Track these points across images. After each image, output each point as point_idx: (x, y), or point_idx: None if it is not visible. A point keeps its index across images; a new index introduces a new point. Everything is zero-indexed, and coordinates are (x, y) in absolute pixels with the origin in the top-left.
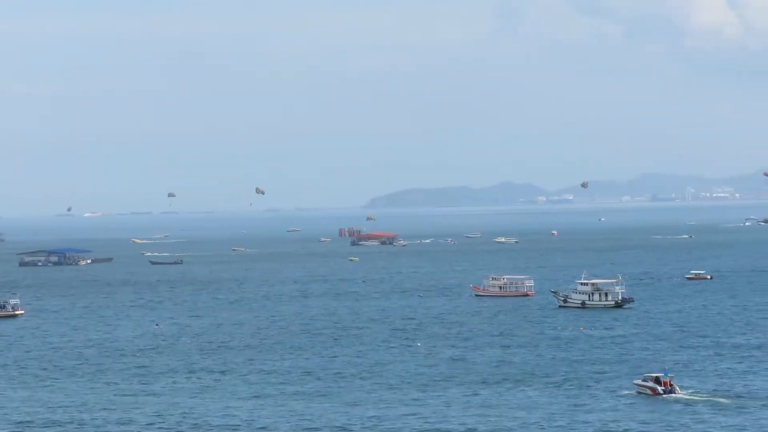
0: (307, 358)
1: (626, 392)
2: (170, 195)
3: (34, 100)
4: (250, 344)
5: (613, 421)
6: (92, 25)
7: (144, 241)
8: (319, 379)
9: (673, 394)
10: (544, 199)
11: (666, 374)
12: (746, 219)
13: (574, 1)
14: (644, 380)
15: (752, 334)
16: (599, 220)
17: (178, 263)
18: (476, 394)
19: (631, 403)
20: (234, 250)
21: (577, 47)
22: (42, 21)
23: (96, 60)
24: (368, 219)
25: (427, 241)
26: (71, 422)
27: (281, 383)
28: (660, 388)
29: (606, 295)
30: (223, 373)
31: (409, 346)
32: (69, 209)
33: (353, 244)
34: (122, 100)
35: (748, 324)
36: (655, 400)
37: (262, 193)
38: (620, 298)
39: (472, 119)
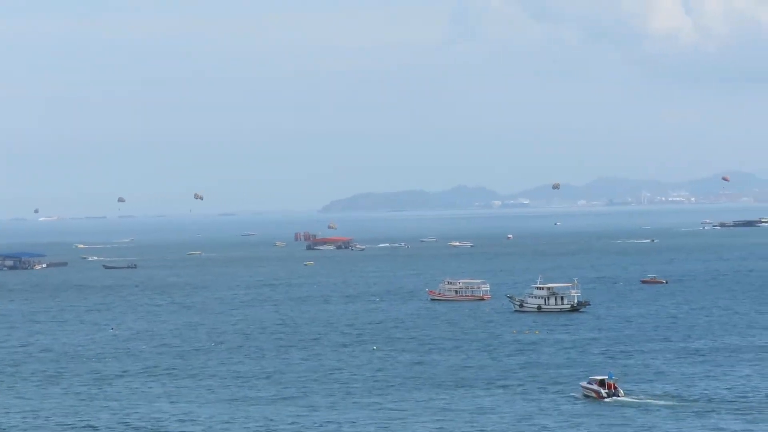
0: (264, 363)
1: (573, 395)
2: (120, 200)
3: None
4: (208, 348)
5: (557, 424)
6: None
7: (86, 246)
8: (277, 383)
9: (616, 397)
10: (500, 203)
11: (610, 377)
12: (702, 223)
13: (530, 6)
14: (589, 383)
15: (706, 338)
16: (555, 224)
17: (132, 267)
18: (432, 399)
19: (574, 406)
20: (189, 254)
21: (533, 52)
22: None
23: (47, 62)
24: (330, 227)
25: (385, 245)
26: (27, 428)
27: (240, 387)
28: (604, 391)
29: (562, 299)
30: (181, 377)
31: (365, 350)
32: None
33: (309, 248)
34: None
35: (701, 328)
36: (597, 402)
37: (201, 198)
38: (576, 302)
39: (428, 123)
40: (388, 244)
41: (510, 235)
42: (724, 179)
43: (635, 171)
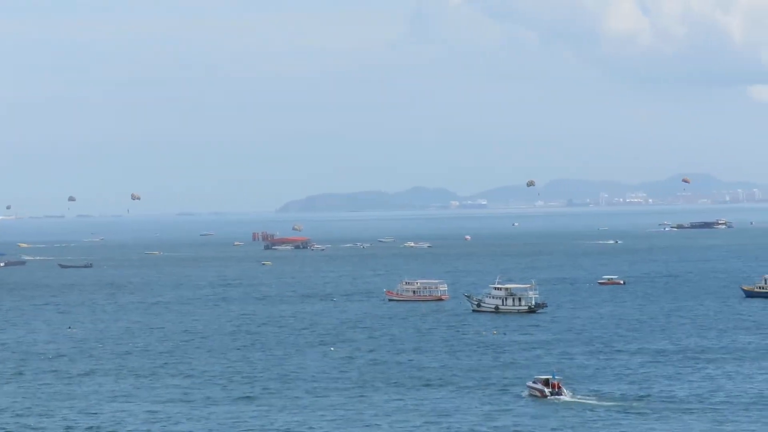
0: (222, 363)
1: (521, 394)
2: (70, 199)
3: None
4: (166, 348)
5: (502, 423)
6: None
7: (28, 246)
8: (235, 383)
9: (559, 396)
10: (458, 203)
11: (554, 376)
12: (660, 224)
13: (488, 7)
14: (534, 382)
15: (661, 339)
16: (513, 224)
17: (88, 267)
18: (389, 399)
19: (518, 405)
20: (147, 253)
21: (491, 53)
22: None
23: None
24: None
25: (345, 245)
26: None
27: (198, 387)
28: (547, 390)
29: (519, 299)
30: (140, 376)
31: (324, 350)
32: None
33: (267, 248)
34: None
35: (657, 329)
36: (539, 401)
37: (138, 198)
38: (533, 303)
39: (386, 124)
40: (350, 245)
41: (468, 236)
42: (685, 181)
43: (593, 172)
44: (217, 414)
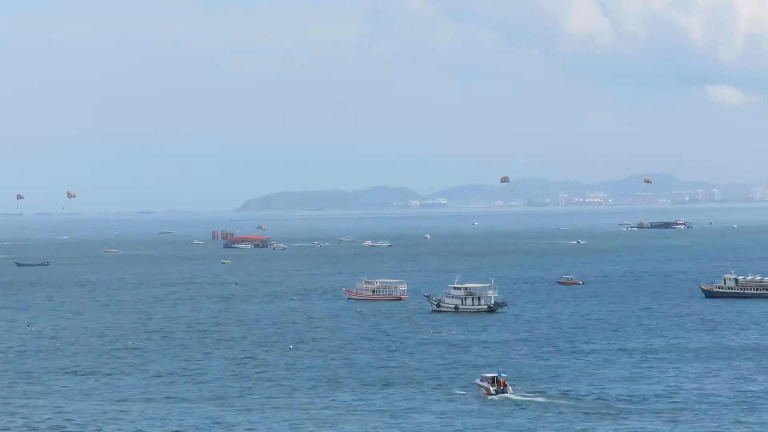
0: (180, 362)
1: (468, 392)
2: (19, 197)
3: None
4: (124, 347)
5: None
6: None
7: None
8: (193, 383)
9: (504, 394)
10: (418, 203)
11: (500, 374)
12: (620, 224)
13: (447, 7)
14: (482, 380)
15: (617, 339)
16: (473, 224)
17: (45, 265)
18: (348, 399)
19: (459, 403)
20: (106, 251)
21: (450, 52)
22: None
23: None
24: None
25: (304, 244)
26: None
27: (158, 387)
28: (492, 388)
29: (479, 299)
30: (100, 375)
31: (281, 349)
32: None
33: (226, 246)
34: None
35: (614, 329)
36: (484, 399)
37: (74, 196)
38: (493, 302)
39: (345, 122)
40: (308, 244)
41: (428, 235)
42: (647, 181)
43: (553, 172)
44: (179, 413)
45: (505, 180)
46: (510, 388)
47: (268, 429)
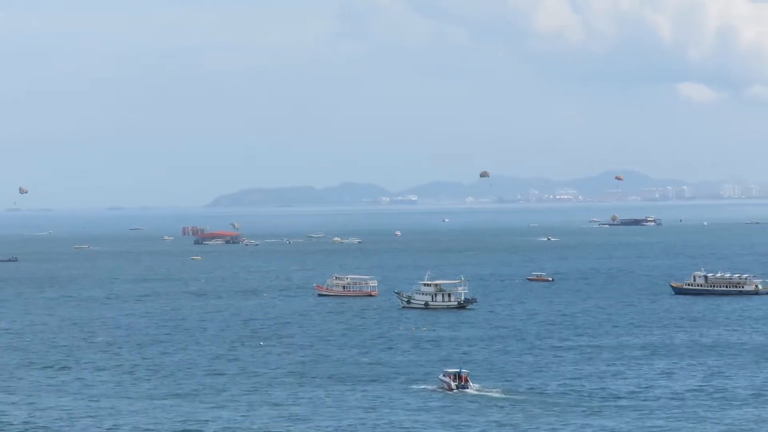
0: (151, 358)
1: (432, 388)
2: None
3: None
4: (97, 343)
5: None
6: None
7: None
8: (164, 378)
9: (465, 390)
10: (388, 199)
11: (461, 370)
12: (591, 221)
13: (417, 4)
14: (444, 375)
15: (589, 335)
16: (443, 220)
17: (13, 261)
18: (318, 395)
19: (428, 400)
20: (77, 248)
21: (420, 49)
22: None
23: None
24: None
25: (274, 240)
26: None
27: (133, 382)
28: (454, 384)
29: (449, 295)
30: (71, 371)
31: (252, 345)
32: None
33: (196, 242)
34: None
35: (583, 326)
36: (444, 394)
37: (25, 192)
38: (463, 298)
39: (315, 119)
40: (284, 240)
41: (398, 232)
42: (618, 178)
43: (523, 169)
44: (151, 409)
45: (484, 175)
46: (471, 384)
47: (240, 425)
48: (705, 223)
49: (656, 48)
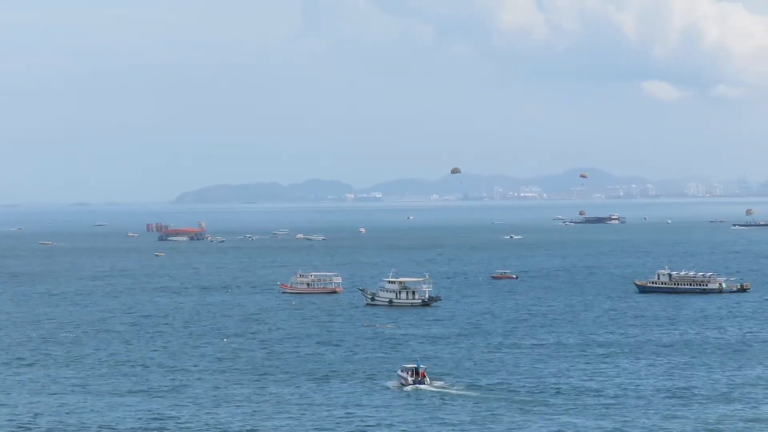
0: (112, 354)
1: (389, 383)
2: None
3: None
4: (61, 339)
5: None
6: None
7: None
8: (126, 374)
9: (422, 385)
10: (353, 196)
11: (419, 365)
12: (555, 219)
13: (382, 1)
14: (402, 371)
15: (552, 333)
16: (407, 218)
17: None
18: (281, 392)
19: (384, 396)
20: (41, 243)
21: (385, 46)
22: None
23: None
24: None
25: (239, 237)
26: None
27: (98, 379)
28: (410, 379)
29: (413, 293)
30: (35, 366)
31: (215, 342)
32: None
33: (161, 239)
34: None
35: (545, 323)
36: (399, 390)
37: None
38: (427, 296)
39: (279, 116)
40: (246, 237)
41: (362, 229)
42: (582, 176)
43: (488, 166)
44: (116, 405)
45: (455, 171)
46: (428, 379)
47: (203, 422)
48: (669, 221)
49: (621, 46)
